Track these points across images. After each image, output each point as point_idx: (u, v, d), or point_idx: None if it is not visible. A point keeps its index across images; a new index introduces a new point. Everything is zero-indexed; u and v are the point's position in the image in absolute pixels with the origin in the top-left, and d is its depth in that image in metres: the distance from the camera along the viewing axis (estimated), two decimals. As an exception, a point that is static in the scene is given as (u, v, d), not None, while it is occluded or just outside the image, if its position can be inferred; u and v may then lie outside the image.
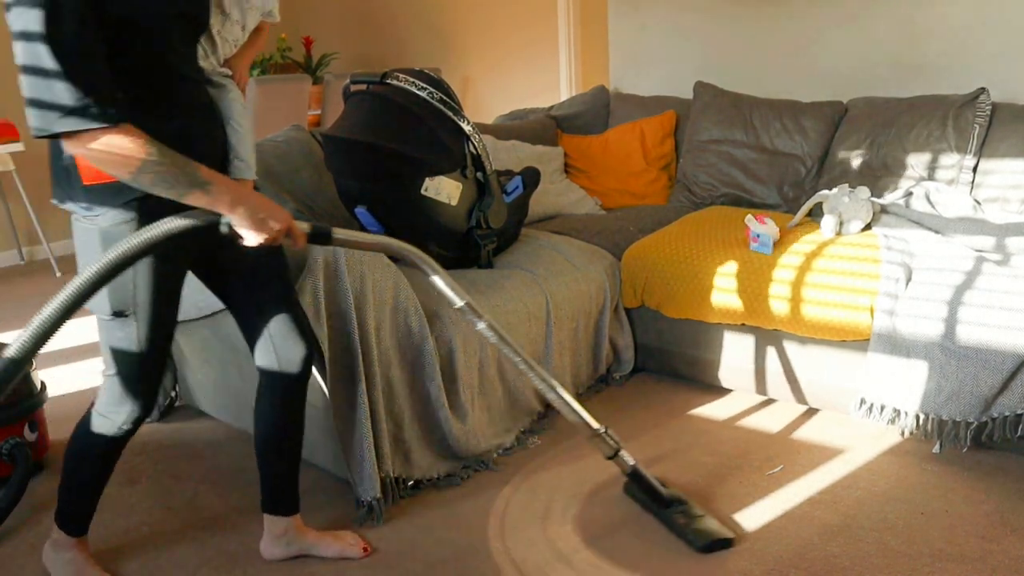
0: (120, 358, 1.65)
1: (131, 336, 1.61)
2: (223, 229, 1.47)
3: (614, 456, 1.95)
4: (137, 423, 1.72)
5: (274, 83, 4.62)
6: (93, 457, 1.78)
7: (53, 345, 3.63)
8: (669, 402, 2.72)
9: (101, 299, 1.58)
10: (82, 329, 3.76)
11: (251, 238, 1.49)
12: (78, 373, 3.22)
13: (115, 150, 1.36)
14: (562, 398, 1.87)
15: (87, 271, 1.35)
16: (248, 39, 1.94)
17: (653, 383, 2.87)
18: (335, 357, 2.01)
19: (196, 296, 2.29)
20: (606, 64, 4.27)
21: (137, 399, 1.68)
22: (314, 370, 2.09)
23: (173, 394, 2.80)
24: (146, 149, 1.38)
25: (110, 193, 1.52)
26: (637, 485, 2.04)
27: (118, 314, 1.59)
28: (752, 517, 2.06)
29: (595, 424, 1.92)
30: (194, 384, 2.69)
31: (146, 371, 1.67)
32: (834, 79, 3.67)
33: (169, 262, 1.61)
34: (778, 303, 2.52)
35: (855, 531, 1.99)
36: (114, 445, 1.75)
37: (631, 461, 1.98)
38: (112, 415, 1.70)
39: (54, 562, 1.86)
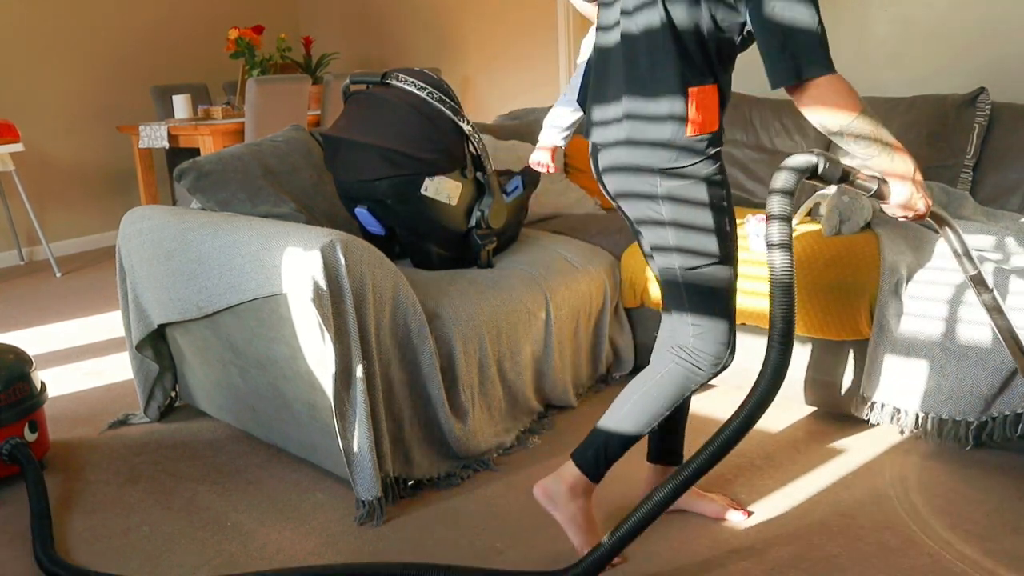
0: (719, 304, 1.78)
1: (728, 277, 1.78)
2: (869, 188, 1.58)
3: None
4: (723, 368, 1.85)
5: (274, 83, 4.62)
6: (666, 408, 1.83)
7: (53, 345, 3.63)
8: (669, 402, 2.72)
9: (710, 249, 1.72)
10: (82, 329, 3.76)
11: (896, 211, 1.64)
12: (78, 373, 3.22)
13: (843, 95, 1.50)
14: None
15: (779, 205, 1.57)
16: None
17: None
18: (335, 357, 2.01)
19: (196, 296, 2.29)
20: (606, 64, 4.26)
21: (730, 344, 1.82)
22: (314, 371, 2.09)
23: (173, 394, 2.80)
24: (860, 100, 1.50)
25: (704, 145, 1.67)
26: None
27: (725, 259, 1.75)
28: (752, 517, 2.06)
29: None
30: (194, 384, 2.69)
31: (735, 308, 1.82)
32: (834, 79, 3.67)
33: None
34: (778, 303, 2.52)
35: (855, 531, 1.99)
36: (691, 395, 1.88)
37: None
38: (716, 368, 1.83)
39: (565, 505, 1.88)
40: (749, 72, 4.25)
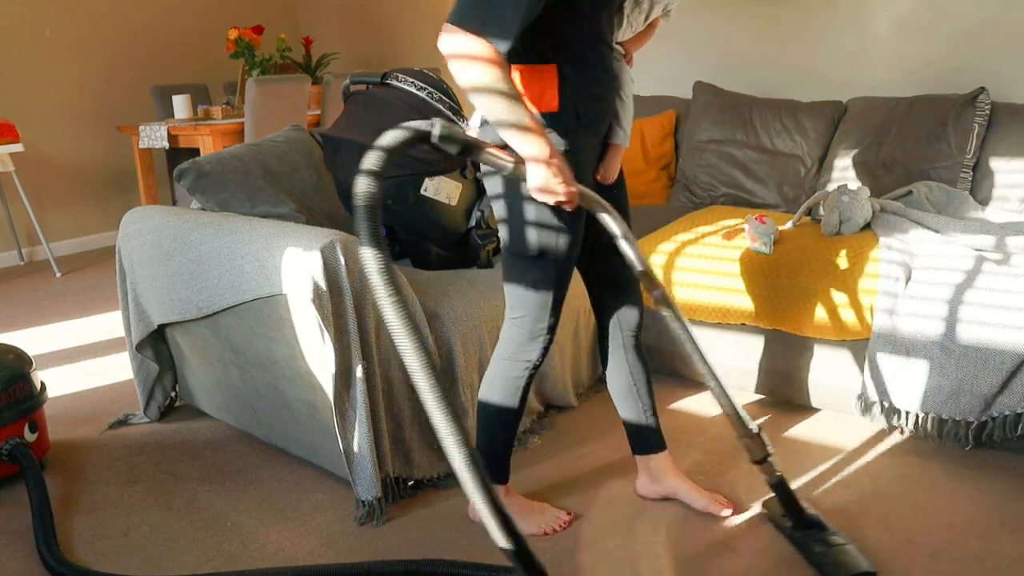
0: (532, 298, 1.83)
1: (550, 274, 1.80)
2: (434, 138, 1.56)
3: (762, 461, 1.90)
4: (543, 357, 1.90)
5: (274, 83, 4.61)
6: (508, 405, 1.92)
7: (53, 345, 3.63)
8: (668, 402, 2.71)
9: (528, 239, 1.76)
10: (82, 329, 3.76)
11: (536, 194, 1.65)
12: (78, 373, 3.22)
13: (478, 60, 1.53)
14: (724, 391, 1.88)
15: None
16: (643, 29, 2.06)
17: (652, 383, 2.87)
18: (335, 357, 2.01)
19: (196, 296, 2.29)
20: (606, 64, 4.26)
21: (546, 333, 1.87)
22: (314, 371, 2.09)
23: (173, 394, 2.80)
24: (498, 76, 1.54)
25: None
26: (778, 498, 1.96)
27: (542, 254, 1.77)
28: (752, 516, 2.06)
29: (752, 425, 1.88)
30: (194, 384, 2.69)
31: (556, 305, 1.85)
32: (834, 79, 3.67)
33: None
34: (777, 303, 2.52)
35: (855, 531, 1.98)
36: (526, 385, 1.91)
37: (778, 471, 1.91)
38: (522, 356, 1.87)
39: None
40: (749, 72, 4.25)
